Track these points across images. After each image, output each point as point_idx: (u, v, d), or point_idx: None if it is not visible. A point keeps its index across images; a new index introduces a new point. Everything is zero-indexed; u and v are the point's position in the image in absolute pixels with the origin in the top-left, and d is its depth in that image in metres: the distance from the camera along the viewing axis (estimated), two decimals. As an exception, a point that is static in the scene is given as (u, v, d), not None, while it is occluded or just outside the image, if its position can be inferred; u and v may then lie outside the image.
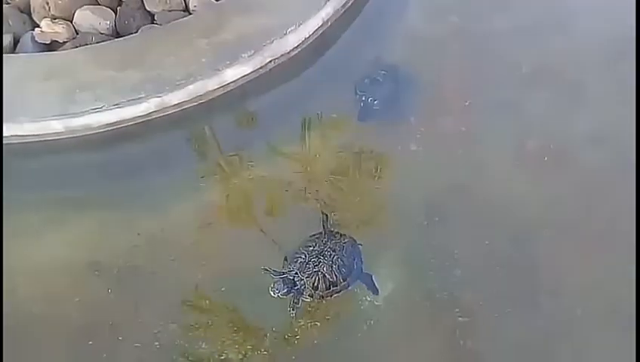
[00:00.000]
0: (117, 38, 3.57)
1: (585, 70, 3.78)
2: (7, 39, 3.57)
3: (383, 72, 3.63)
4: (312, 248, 2.96)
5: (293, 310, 2.88)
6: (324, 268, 2.90)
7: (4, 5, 3.70)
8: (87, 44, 3.52)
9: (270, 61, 3.42)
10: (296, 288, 2.87)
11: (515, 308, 3.01)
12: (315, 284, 2.88)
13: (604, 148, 3.47)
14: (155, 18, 3.72)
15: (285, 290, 2.84)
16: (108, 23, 3.69)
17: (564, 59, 3.84)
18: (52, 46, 3.66)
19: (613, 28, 3.94)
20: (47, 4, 3.73)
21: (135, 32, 3.57)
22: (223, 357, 2.86)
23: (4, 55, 3.35)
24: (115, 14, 3.73)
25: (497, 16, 4.03)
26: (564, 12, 4.05)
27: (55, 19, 3.69)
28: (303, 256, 2.94)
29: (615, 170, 3.40)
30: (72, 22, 3.72)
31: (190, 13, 3.68)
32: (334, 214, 3.22)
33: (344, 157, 3.45)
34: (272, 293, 2.84)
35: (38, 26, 3.67)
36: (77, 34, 3.69)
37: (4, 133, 3.13)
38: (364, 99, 3.54)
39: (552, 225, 3.26)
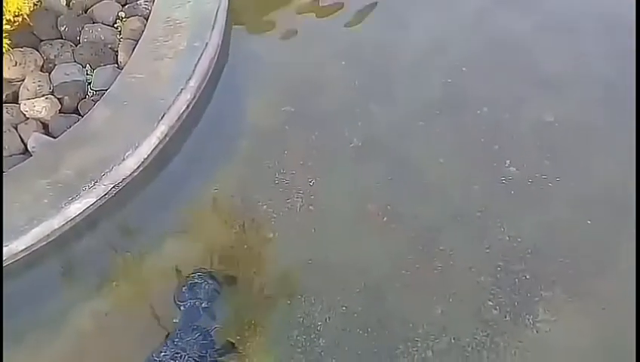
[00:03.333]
0: (-40, 192, 3.63)
1: (404, 135, 4.24)
2: None
3: (198, 273, 3.46)
4: (163, 353, 3.11)
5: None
6: None
7: None
8: None
9: (113, 187, 3.62)
10: None
11: (376, 363, 3.32)
12: None
13: (431, 203, 3.92)
14: (-3, 165, 3.82)
15: None
16: (-52, 179, 3.74)
17: (389, 127, 4.28)
18: None
19: (430, 91, 4.44)
20: None
21: (-23, 184, 3.65)
22: None
23: None
24: (-45, 169, 3.79)
25: (324, 96, 4.44)
26: (379, 85, 4.52)
27: None
28: None
29: (442, 219, 3.84)
30: None
31: (31, 154, 3.82)
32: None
33: (205, 255, 3.68)
34: None
35: None
36: None
37: None
38: (187, 306, 3.34)
39: (398, 278, 3.63)
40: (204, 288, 3.38)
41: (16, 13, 4.03)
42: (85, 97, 4.15)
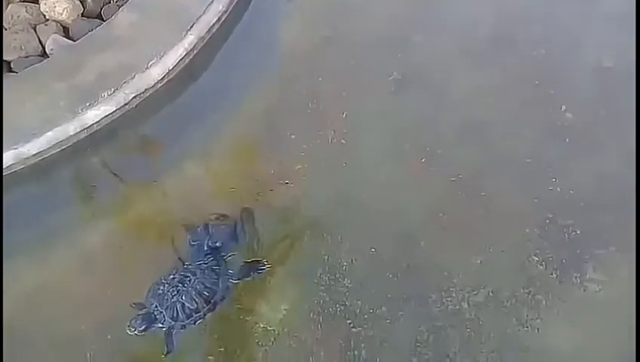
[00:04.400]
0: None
1: (450, 71, 3.89)
2: None
3: (215, 215, 3.25)
4: (172, 276, 2.91)
5: (167, 352, 2.80)
6: (183, 297, 2.85)
7: None
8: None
9: (134, 97, 3.35)
10: (157, 323, 2.80)
11: (405, 310, 3.07)
12: (175, 315, 2.83)
13: (474, 145, 3.59)
14: (12, 66, 3.56)
15: (143, 327, 2.77)
16: (-39, 77, 3.51)
17: (433, 61, 3.94)
18: None
19: (475, 25, 4.07)
20: None
21: (-10, 83, 3.40)
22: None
23: None
24: (-32, 67, 3.56)
25: (364, 23, 4.09)
26: (426, 14, 4.16)
27: None
28: (162, 287, 2.88)
29: (486, 164, 3.53)
30: None
31: (49, 57, 3.56)
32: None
33: (226, 181, 3.43)
34: (128, 331, 2.77)
35: None
36: None
37: None
38: (200, 245, 3.14)
39: (434, 223, 3.35)
40: (221, 229, 3.16)
41: None
42: (110, 2, 3.86)
